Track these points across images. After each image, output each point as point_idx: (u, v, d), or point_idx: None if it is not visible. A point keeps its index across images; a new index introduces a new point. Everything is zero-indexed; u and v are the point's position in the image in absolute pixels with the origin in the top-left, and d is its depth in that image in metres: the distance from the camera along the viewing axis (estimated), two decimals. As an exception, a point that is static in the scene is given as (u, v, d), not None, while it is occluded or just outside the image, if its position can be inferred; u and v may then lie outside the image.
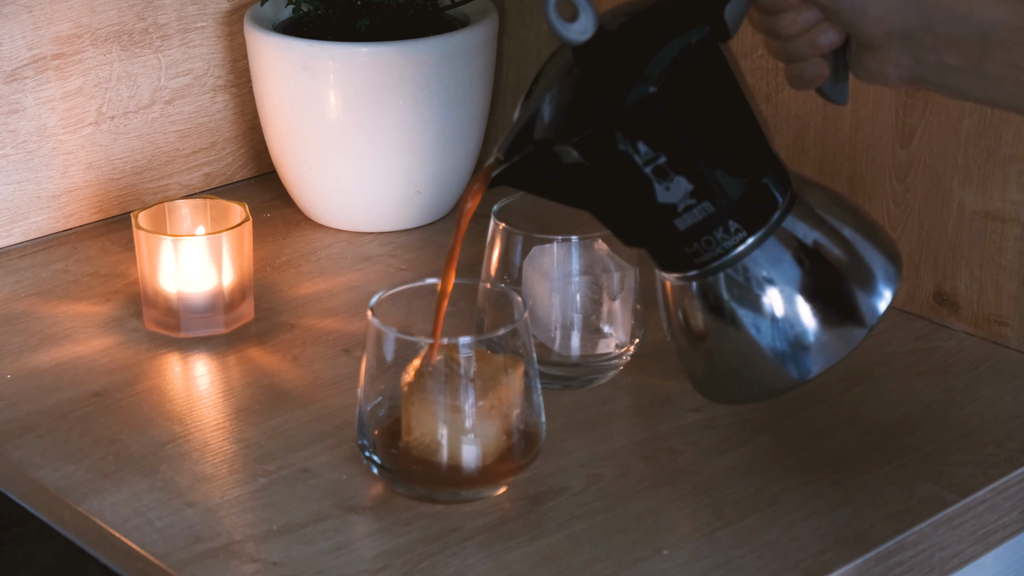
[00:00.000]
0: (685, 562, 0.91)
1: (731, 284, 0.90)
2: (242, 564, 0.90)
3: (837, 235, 0.91)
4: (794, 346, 0.90)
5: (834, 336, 0.90)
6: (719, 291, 0.90)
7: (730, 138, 0.89)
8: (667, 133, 0.86)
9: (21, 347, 1.15)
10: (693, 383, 0.96)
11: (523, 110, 0.91)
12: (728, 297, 0.90)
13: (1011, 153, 1.09)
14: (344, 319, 1.18)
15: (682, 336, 0.94)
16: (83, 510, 0.96)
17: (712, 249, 0.89)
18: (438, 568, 0.90)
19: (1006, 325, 1.13)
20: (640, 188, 0.87)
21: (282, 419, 1.05)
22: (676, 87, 0.86)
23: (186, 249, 1.14)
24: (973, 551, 0.98)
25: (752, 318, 0.90)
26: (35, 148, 1.29)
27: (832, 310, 0.90)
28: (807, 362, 0.90)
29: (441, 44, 1.26)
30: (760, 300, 0.90)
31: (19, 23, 1.26)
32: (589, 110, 0.87)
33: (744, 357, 0.91)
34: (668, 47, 0.86)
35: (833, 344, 0.90)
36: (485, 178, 0.91)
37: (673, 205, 0.88)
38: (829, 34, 0.88)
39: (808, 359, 0.90)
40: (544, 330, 1.07)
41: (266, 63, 1.28)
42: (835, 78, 0.91)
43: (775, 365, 0.90)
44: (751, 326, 0.90)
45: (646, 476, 0.99)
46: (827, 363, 0.90)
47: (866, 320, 0.90)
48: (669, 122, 0.86)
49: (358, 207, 1.32)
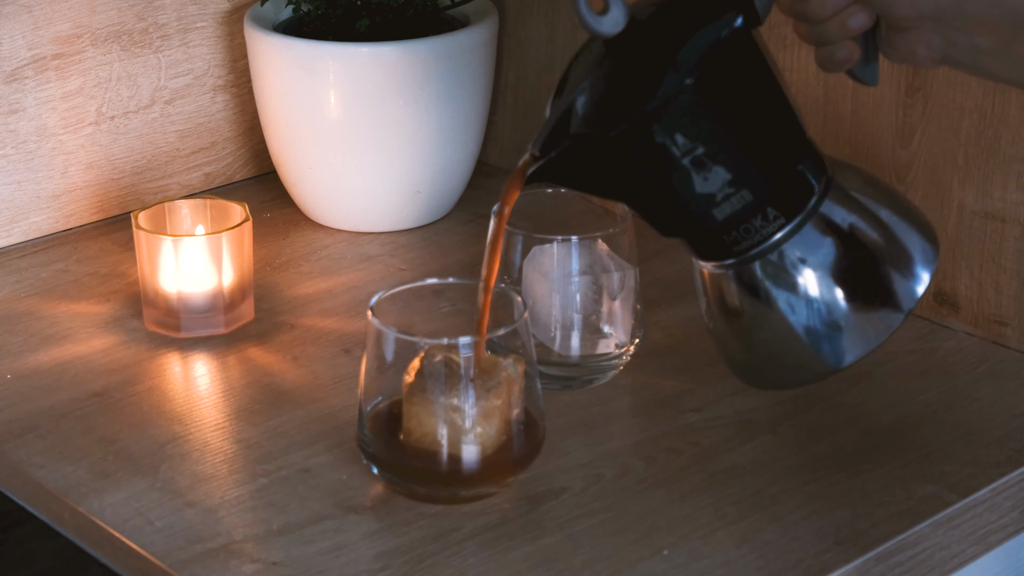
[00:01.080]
0: (685, 562, 0.91)
1: (769, 270, 0.90)
2: (242, 564, 0.90)
3: (874, 217, 0.91)
4: (831, 330, 0.90)
5: (872, 320, 0.90)
6: (757, 278, 0.90)
7: (766, 126, 0.89)
8: (704, 123, 0.86)
9: (21, 347, 1.15)
10: (731, 367, 0.96)
11: (555, 106, 0.91)
12: (766, 283, 0.90)
13: (1011, 153, 1.09)
14: (344, 319, 1.18)
15: (721, 322, 0.94)
16: (83, 510, 0.96)
17: (751, 237, 0.89)
18: (438, 568, 0.90)
19: (1006, 325, 1.13)
20: (678, 179, 0.87)
21: (282, 419, 1.05)
22: (711, 76, 0.85)
23: (186, 249, 1.14)
24: (973, 551, 0.98)
25: (790, 303, 0.90)
26: (35, 148, 1.29)
27: (870, 294, 0.90)
28: (844, 347, 0.90)
29: (441, 44, 1.26)
30: (798, 285, 0.90)
31: (19, 23, 1.26)
32: (625, 103, 0.86)
33: (782, 343, 0.91)
34: (701, 36, 0.86)
35: (871, 328, 0.90)
36: (521, 177, 0.91)
37: (712, 195, 0.88)
38: (859, 17, 0.88)
39: (845, 344, 0.90)
40: (544, 330, 1.07)
41: (266, 63, 1.28)
42: (865, 60, 0.91)
43: (813, 350, 0.90)
44: (788, 311, 0.90)
45: (646, 476, 0.99)
46: (865, 349, 0.90)
47: (903, 304, 0.90)
48: (706, 112, 0.86)
49: (358, 207, 1.32)
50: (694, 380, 1.09)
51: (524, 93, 1.41)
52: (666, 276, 1.23)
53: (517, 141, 1.43)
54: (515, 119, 1.42)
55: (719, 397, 1.07)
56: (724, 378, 1.09)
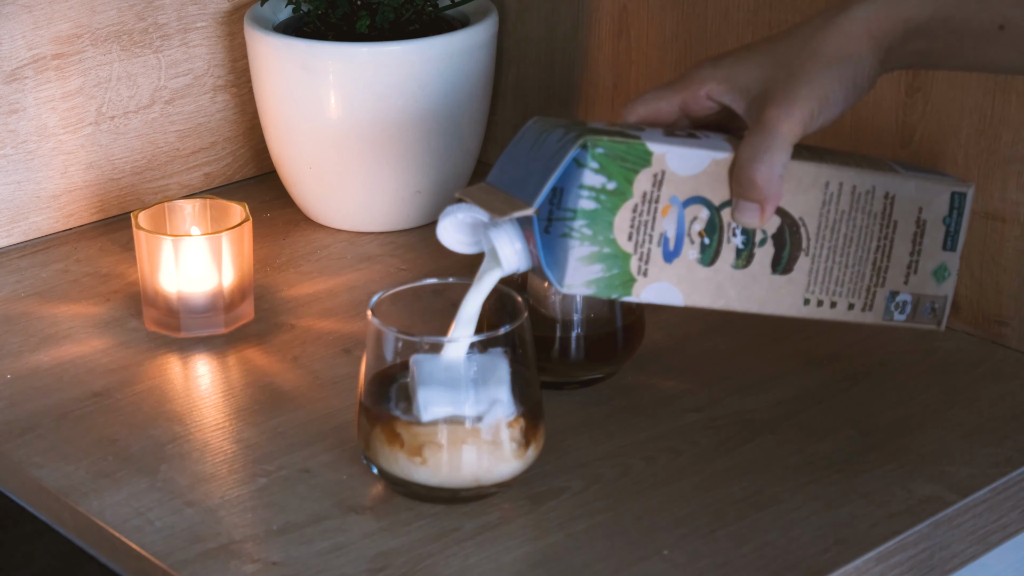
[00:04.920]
0: (685, 562, 0.91)
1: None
2: (242, 564, 0.90)
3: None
4: None
5: None
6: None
7: None
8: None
9: (21, 347, 1.15)
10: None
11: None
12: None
13: (1011, 153, 1.09)
14: (344, 319, 1.18)
15: None
16: (83, 510, 0.96)
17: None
18: (438, 568, 0.90)
19: (1006, 325, 1.13)
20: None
21: (282, 419, 1.05)
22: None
23: (186, 249, 1.14)
24: (973, 551, 0.98)
25: None
26: (35, 148, 1.29)
27: None
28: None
29: (441, 44, 1.26)
30: None
31: (19, 23, 1.26)
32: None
33: None
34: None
35: None
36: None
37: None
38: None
39: None
40: (546, 329, 1.07)
41: (266, 63, 1.28)
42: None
43: None
44: None
45: (646, 476, 0.99)
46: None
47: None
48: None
49: (358, 207, 1.32)
50: (694, 380, 1.09)
51: (524, 93, 1.41)
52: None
53: (517, 141, 1.43)
54: (515, 119, 1.42)
55: (719, 397, 1.07)
56: (724, 378, 1.09)
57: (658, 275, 0.89)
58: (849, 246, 0.92)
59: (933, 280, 0.94)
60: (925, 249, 0.94)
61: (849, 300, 0.92)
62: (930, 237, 0.94)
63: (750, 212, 0.88)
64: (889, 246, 0.93)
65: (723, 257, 0.90)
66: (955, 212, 0.94)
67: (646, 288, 0.89)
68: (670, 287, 0.89)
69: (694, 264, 0.89)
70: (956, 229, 0.94)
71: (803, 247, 0.91)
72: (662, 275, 0.89)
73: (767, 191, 0.87)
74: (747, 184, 0.87)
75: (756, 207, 0.87)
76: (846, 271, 0.92)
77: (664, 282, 0.89)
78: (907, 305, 0.94)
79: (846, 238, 0.92)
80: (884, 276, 0.93)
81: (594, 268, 0.87)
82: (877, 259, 0.92)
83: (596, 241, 0.87)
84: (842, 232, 0.92)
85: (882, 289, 0.93)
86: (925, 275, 0.94)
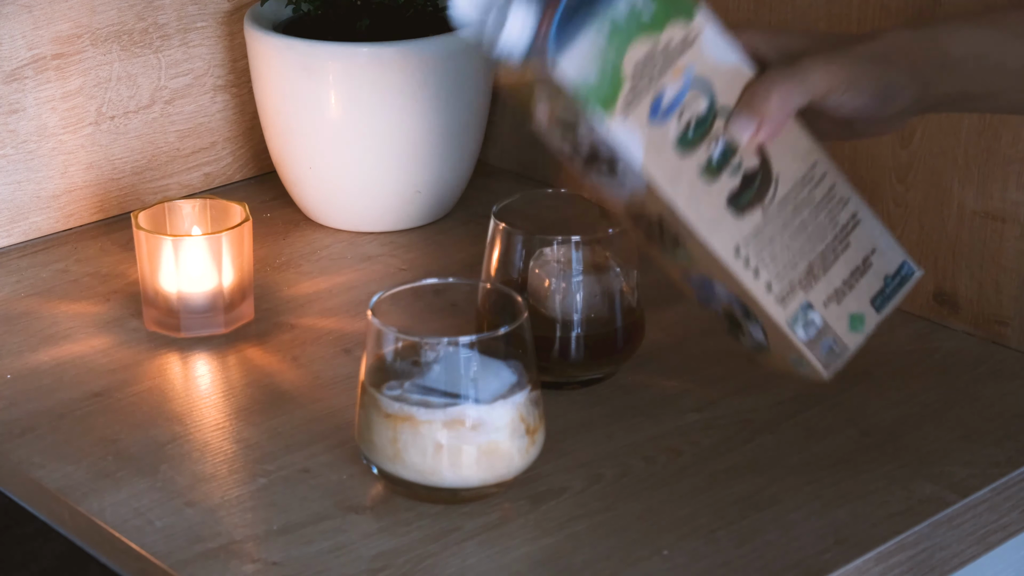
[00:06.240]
0: (685, 562, 0.91)
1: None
2: (242, 564, 0.90)
3: None
4: None
5: None
6: None
7: None
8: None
9: (21, 347, 1.15)
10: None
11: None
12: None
13: (1011, 153, 1.09)
14: (344, 319, 1.18)
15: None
16: (83, 510, 0.96)
17: None
18: (438, 568, 0.90)
19: (1006, 325, 1.13)
20: None
21: (282, 419, 1.05)
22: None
23: (186, 249, 1.14)
24: (973, 551, 0.98)
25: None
26: (35, 148, 1.29)
27: None
28: None
29: (441, 44, 1.26)
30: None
31: (19, 23, 1.26)
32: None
33: None
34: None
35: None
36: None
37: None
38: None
39: None
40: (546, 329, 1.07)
41: (266, 63, 1.28)
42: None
43: None
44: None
45: (646, 476, 0.99)
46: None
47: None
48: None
49: (358, 207, 1.32)
50: (694, 380, 1.09)
51: (524, 93, 1.41)
52: (666, 276, 1.23)
53: (517, 141, 1.43)
54: (515, 119, 1.42)
55: (719, 397, 1.07)
56: (724, 378, 1.09)
57: (635, 123, 0.87)
58: (801, 233, 0.91)
59: (848, 323, 0.93)
60: (858, 288, 0.92)
61: (772, 279, 0.91)
62: (867, 282, 0.92)
63: (745, 126, 0.87)
64: (832, 260, 0.92)
65: (695, 156, 0.88)
66: (898, 279, 0.93)
67: (618, 124, 0.86)
68: (638, 141, 0.87)
69: (668, 140, 0.87)
70: (891, 294, 0.93)
71: (764, 202, 0.90)
72: (637, 126, 0.87)
73: (771, 114, 0.87)
74: (759, 99, 0.87)
75: (753, 124, 0.87)
76: (785, 252, 0.90)
77: (637, 133, 0.87)
78: (813, 328, 0.92)
79: (802, 225, 0.91)
80: (812, 283, 0.91)
81: (589, 70, 0.86)
82: (815, 263, 0.91)
83: (606, 50, 0.86)
84: (802, 217, 0.91)
85: (803, 294, 0.91)
86: (844, 313, 0.92)
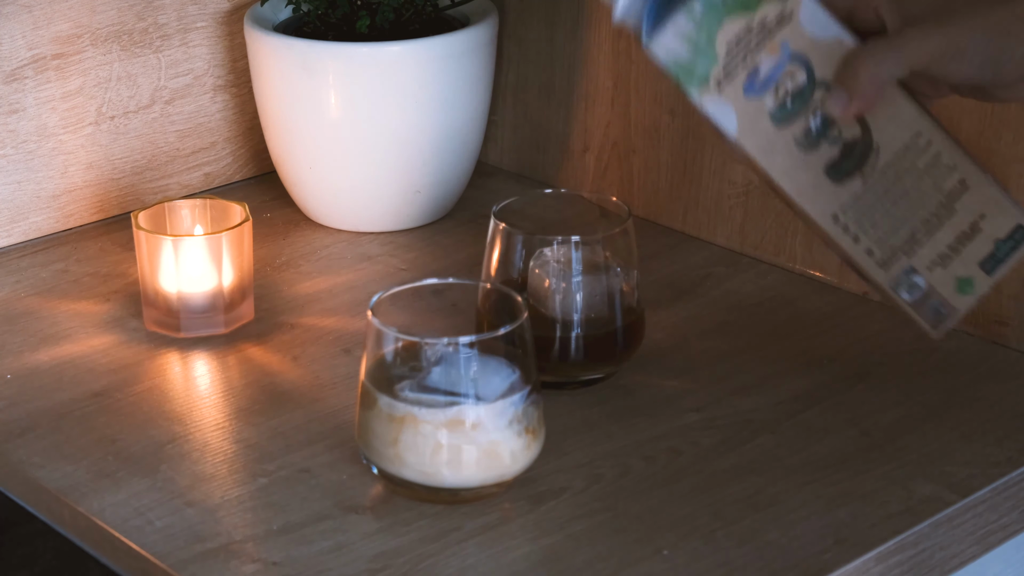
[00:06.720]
0: (685, 562, 0.91)
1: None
2: (242, 564, 0.90)
3: None
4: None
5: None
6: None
7: None
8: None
9: (21, 347, 1.15)
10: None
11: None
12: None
13: (1011, 153, 1.09)
14: (344, 319, 1.18)
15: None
16: (83, 510, 0.96)
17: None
18: (438, 568, 0.90)
19: (1006, 325, 1.13)
20: None
21: (282, 419, 1.05)
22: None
23: (186, 249, 1.14)
24: (973, 551, 0.98)
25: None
26: (35, 148, 1.29)
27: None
28: None
29: (441, 44, 1.26)
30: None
31: (19, 23, 1.26)
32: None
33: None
34: None
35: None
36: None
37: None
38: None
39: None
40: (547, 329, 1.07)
41: (266, 63, 1.28)
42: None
43: None
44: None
45: (646, 476, 0.99)
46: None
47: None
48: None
49: (358, 207, 1.32)
50: (694, 380, 1.09)
51: (524, 93, 1.41)
52: (666, 276, 1.23)
53: (517, 141, 1.43)
54: (515, 119, 1.42)
55: (719, 397, 1.07)
56: (724, 378, 1.09)
57: (730, 96, 0.90)
58: (903, 200, 0.91)
59: (955, 285, 0.93)
60: (965, 253, 0.92)
61: (872, 245, 0.91)
62: (975, 246, 0.92)
63: (839, 100, 0.88)
64: (936, 226, 0.91)
65: (793, 129, 0.90)
66: (1011, 242, 0.92)
67: (712, 99, 0.90)
68: (732, 112, 0.90)
69: (764, 114, 0.90)
70: (1003, 257, 0.92)
71: (863, 171, 0.90)
72: (732, 99, 0.90)
73: (864, 88, 0.87)
74: (851, 72, 0.88)
75: (846, 98, 0.88)
76: (886, 219, 0.91)
77: (730, 105, 0.90)
78: (918, 290, 0.92)
79: (904, 192, 0.91)
80: (915, 249, 0.91)
81: (681, 47, 0.89)
82: (918, 229, 0.91)
83: (699, 28, 0.88)
84: (905, 184, 0.91)
85: (906, 259, 0.91)
86: (950, 276, 0.93)
